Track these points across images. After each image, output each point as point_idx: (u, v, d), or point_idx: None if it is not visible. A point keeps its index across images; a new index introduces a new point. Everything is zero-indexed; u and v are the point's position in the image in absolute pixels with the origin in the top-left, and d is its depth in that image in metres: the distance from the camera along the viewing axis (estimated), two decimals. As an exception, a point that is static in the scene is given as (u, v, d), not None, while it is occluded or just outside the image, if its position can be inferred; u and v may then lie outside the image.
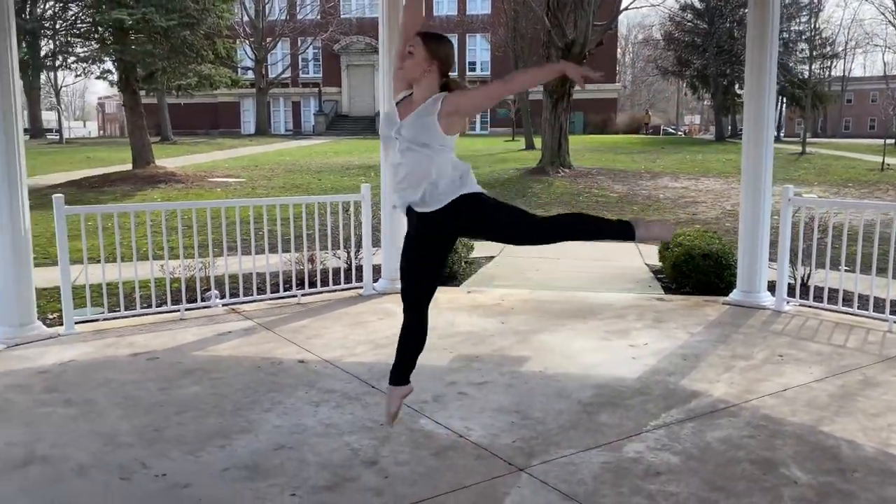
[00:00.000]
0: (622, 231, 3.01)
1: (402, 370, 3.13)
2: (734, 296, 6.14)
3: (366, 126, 42.81)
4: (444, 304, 6.04)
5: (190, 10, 18.24)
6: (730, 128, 42.22)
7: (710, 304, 6.09)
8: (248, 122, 48.78)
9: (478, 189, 2.95)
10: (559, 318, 5.65)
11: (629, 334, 5.21)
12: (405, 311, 3.09)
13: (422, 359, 3.11)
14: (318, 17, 46.34)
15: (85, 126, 72.72)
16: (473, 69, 48.64)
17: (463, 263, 7.47)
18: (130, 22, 17.63)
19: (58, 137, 42.97)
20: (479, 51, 48.09)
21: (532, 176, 18.77)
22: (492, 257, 8.45)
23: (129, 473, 3.10)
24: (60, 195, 5.25)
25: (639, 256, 8.71)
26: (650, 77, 59.76)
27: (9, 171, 4.91)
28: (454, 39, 48.96)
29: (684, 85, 46.81)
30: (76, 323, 5.28)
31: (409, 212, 3.00)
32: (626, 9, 27.10)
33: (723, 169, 20.89)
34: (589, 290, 6.68)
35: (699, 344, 4.98)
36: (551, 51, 19.84)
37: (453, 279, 7.07)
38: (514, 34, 30.06)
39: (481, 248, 8.29)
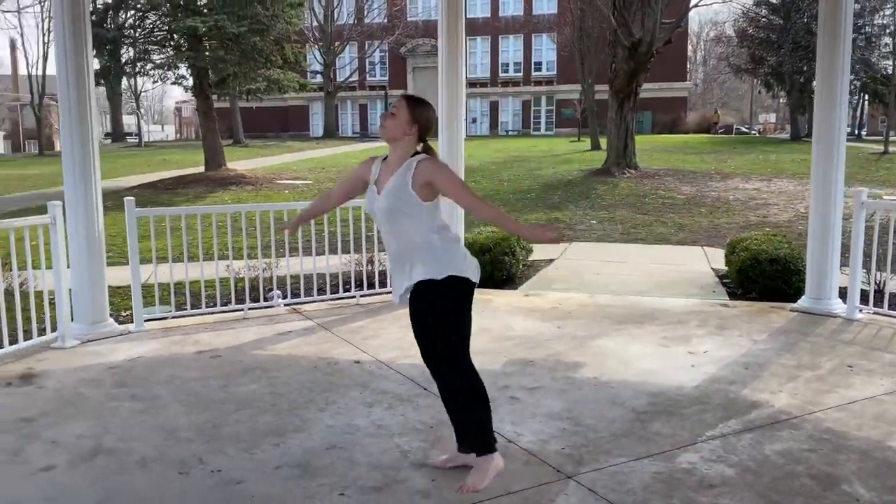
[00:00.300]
0: (483, 445, 2.98)
1: (475, 434, 3.04)
2: (802, 302, 5.92)
3: (431, 127, 43.11)
4: (501, 307, 6.04)
5: (260, 16, 18.79)
6: (807, 126, 40.58)
7: (777, 310, 5.89)
8: (317, 124, 49.87)
9: (458, 274, 2.91)
10: (618, 323, 5.56)
11: (690, 341, 5.09)
12: (435, 381, 3.05)
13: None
14: (385, 20, 46.98)
15: (163, 129, 75.68)
16: (539, 69, 48.41)
17: (521, 266, 7.44)
18: (204, 29, 18.30)
19: (137, 140, 44.98)
20: (545, 50, 47.83)
21: (596, 177, 18.50)
22: (551, 260, 8.38)
23: (188, 468, 3.22)
24: (132, 198, 5.49)
25: (705, 261, 8.50)
26: (722, 75, 58.04)
27: (84, 180, 5.17)
28: (520, 40, 48.83)
29: (758, 83, 45.30)
30: (146, 321, 5.51)
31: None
32: (696, 6, 26.52)
33: (797, 170, 20.11)
34: (651, 295, 6.56)
35: (763, 352, 4.82)
36: (617, 50, 19.52)
37: (511, 282, 7.05)
38: (580, 34, 29.73)
39: (540, 250, 8.24)
